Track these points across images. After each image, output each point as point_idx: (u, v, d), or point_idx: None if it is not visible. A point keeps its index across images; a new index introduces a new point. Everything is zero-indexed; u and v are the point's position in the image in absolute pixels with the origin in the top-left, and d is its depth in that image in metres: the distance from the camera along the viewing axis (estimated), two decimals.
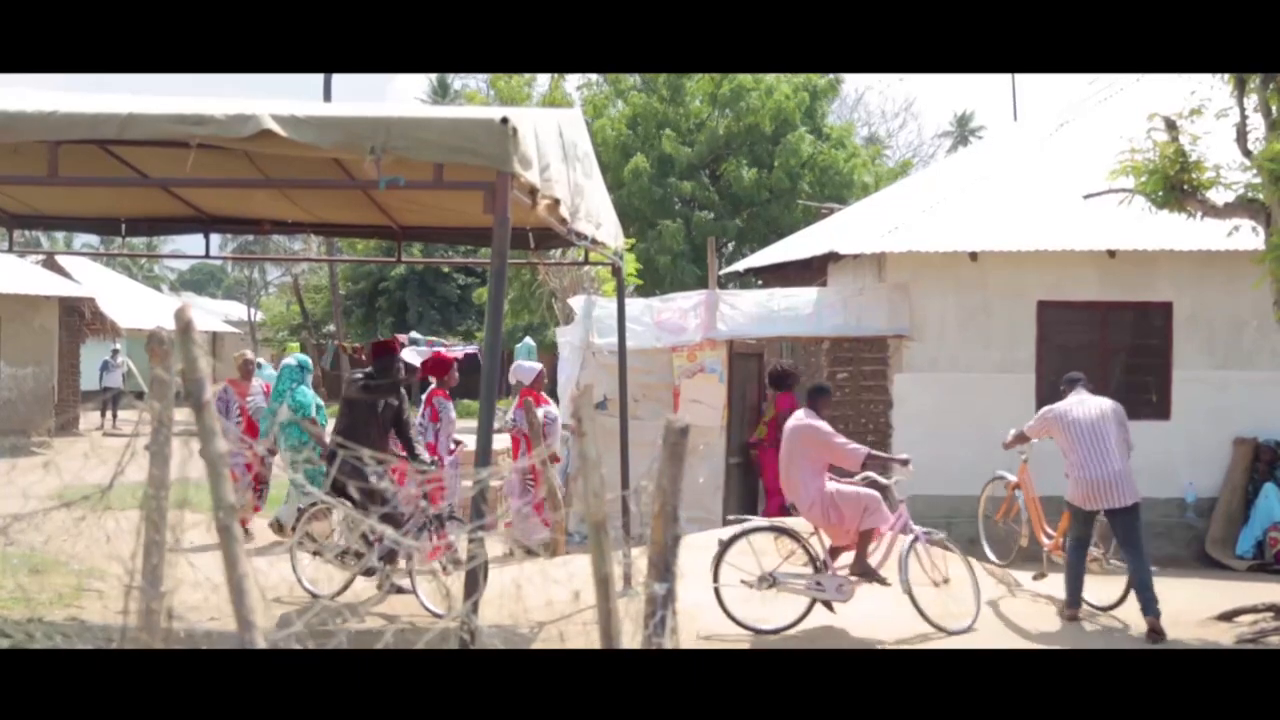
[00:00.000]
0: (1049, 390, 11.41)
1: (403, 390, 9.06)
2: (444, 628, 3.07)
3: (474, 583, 5.47)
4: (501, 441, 11.43)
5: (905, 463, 8.37)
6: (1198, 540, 11.58)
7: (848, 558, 8.33)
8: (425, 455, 9.11)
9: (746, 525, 8.37)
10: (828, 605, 8.15)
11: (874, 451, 8.37)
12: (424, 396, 10.54)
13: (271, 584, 8.09)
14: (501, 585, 7.55)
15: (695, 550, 9.20)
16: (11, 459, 15.81)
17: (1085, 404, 8.56)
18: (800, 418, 8.47)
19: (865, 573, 8.15)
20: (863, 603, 8.19)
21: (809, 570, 8.15)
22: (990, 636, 8.03)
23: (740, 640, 7.83)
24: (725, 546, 8.09)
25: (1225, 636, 7.89)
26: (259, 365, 12.77)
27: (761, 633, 7.94)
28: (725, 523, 11.86)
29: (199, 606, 3.29)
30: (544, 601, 8.06)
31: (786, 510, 11.78)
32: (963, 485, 10.49)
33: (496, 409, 6.50)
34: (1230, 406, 11.58)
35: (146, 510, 3.04)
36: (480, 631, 3.13)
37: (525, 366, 11.64)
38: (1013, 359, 11.67)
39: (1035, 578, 9.20)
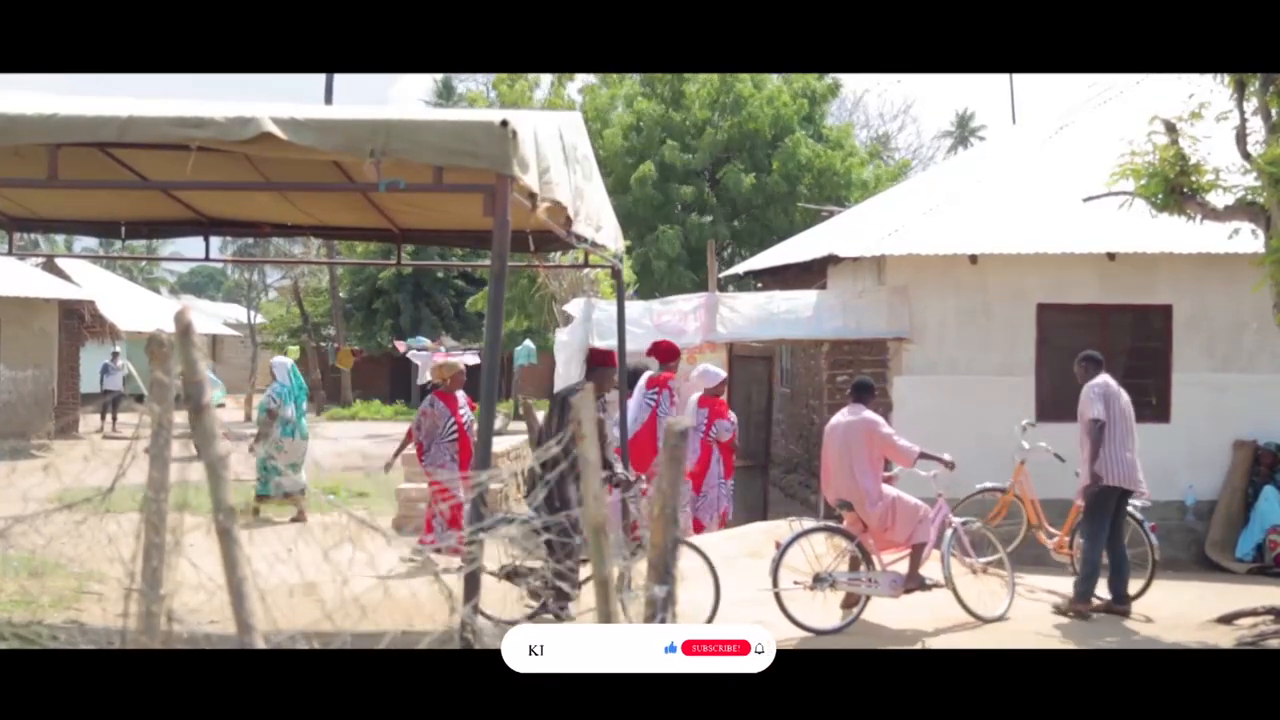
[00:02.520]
0: (1049, 393, 11.43)
1: (606, 403, 8.30)
2: (446, 629, 3.07)
3: (474, 585, 5.45)
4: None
5: (951, 465, 8.48)
6: (1197, 543, 11.59)
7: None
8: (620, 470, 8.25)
9: (801, 529, 8.28)
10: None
11: (924, 450, 8.41)
12: (642, 383, 10.29)
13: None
14: (503, 588, 7.53)
15: (695, 554, 9.21)
16: (11, 462, 15.82)
17: (1119, 387, 8.80)
18: (858, 414, 8.35)
19: (921, 585, 8.23)
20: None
21: (862, 569, 8.20)
22: (989, 636, 8.03)
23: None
24: (783, 551, 8.00)
25: (1225, 639, 7.88)
26: None
27: (823, 633, 7.87)
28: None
29: (200, 609, 3.28)
30: None
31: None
32: (962, 488, 10.48)
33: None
34: (1230, 409, 11.59)
35: (146, 513, 3.04)
36: (484, 632, 3.13)
37: (711, 371, 10.89)
38: (1012, 361, 11.67)
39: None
